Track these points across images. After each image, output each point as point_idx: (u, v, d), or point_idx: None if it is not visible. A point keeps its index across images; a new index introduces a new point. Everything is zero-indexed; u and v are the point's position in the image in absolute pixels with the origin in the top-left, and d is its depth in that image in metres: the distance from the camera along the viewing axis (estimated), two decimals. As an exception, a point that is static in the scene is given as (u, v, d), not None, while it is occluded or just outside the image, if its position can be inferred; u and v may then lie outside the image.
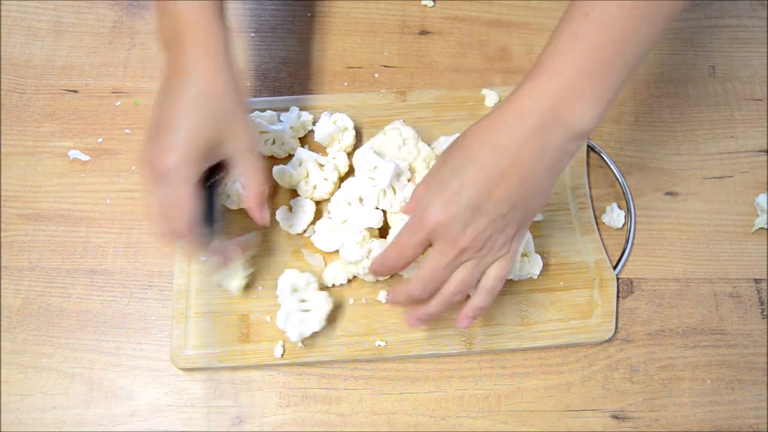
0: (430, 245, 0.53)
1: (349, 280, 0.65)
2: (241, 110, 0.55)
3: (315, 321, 0.61)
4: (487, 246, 0.52)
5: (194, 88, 0.52)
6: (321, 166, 0.67)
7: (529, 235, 0.64)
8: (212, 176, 0.57)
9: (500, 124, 0.50)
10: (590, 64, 0.47)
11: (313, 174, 0.67)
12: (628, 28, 0.47)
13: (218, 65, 0.53)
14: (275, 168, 0.67)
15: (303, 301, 0.62)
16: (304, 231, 0.67)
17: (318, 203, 0.68)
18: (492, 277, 0.54)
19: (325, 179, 0.67)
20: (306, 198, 0.67)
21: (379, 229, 0.65)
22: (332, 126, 0.68)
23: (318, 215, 0.68)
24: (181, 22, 0.54)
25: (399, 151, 0.65)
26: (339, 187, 0.67)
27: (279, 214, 0.67)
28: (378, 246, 0.62)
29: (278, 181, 0.67)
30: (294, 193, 0.68)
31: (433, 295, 0.55)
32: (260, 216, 0.58)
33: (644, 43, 0.48)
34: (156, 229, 0.55)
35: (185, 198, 0.52)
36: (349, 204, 0.64)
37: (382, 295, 0.65)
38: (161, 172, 0.52)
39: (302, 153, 0.67)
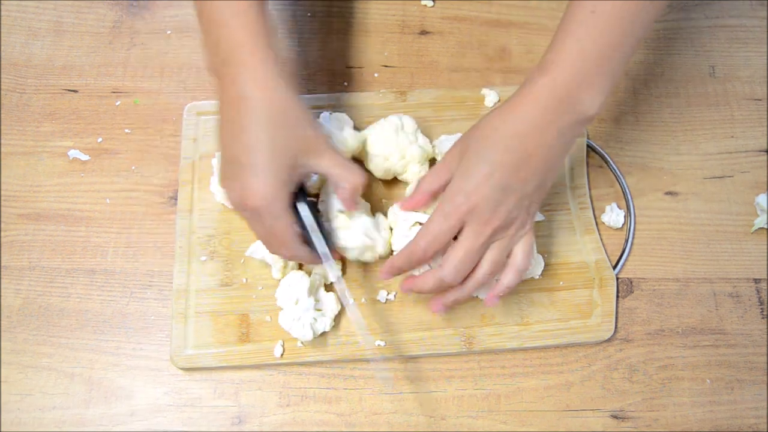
0: (460, 231, 0.54)
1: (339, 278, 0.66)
2: (307, 120, 0.54)
3: (327, 320, 0.62)
4: (514, 225, 0.55)
5: (259, 116, 0.52)
6: None
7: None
8: (304, 193, 0.57)
9: (518, 113, 0.53)
10: (596, 56, 0.52)
11: None
12: (629, 22, 0.51)
13: (275, 84, 0.53)
14: None
15: (317, 300, 0.62)
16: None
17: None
18: (520, 254, 0.57)
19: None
20: None
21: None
22: (332, 125, 0.68)
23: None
24: (230, 46, 0.53)
25: (396, 135, 0.65)
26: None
27: None
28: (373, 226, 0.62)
29: None
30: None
31: (464, 278, 0.55)
32: (349, 206, 0.59)
33: (641, 34, 0.53)
34: (269, 250, 0.57)
35: (285, 226, 0.54)
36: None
37: (382, 295, 0.65)
38: (254, 210, 0.52)
39: None
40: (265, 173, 0.51)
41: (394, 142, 0.65)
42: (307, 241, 0.57)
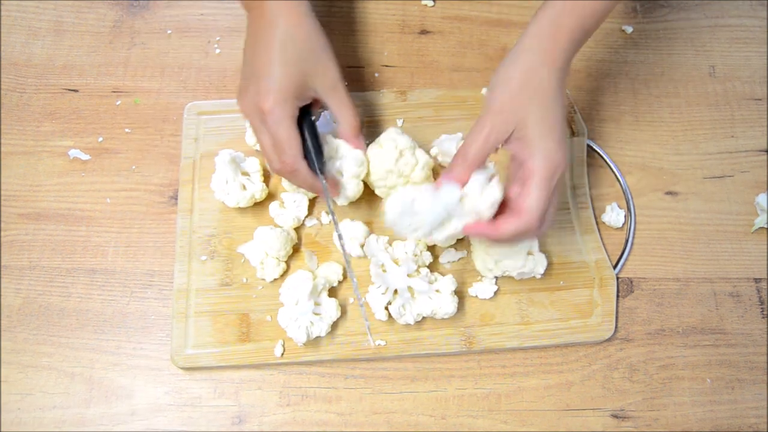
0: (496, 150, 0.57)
1: (340, 282, 0.66)
2: (325, 50, 0.60)
3: (324, 326, 0.62)
4: None
5: (280, 35, 0.58)
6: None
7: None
8: (309, 114, 0.62)
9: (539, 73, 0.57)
10: (571, 28, 0.58)
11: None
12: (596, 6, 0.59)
13: (300, 11, 0.59)
14: None
15: (317, 304, 0.62)
16: (300, 226, 0.68)
17: (311, 199, 0.68)
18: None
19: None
20: (297, 192, 0.68)
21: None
22: (332, 125, 0.68)
23: (311, 209, 0.68)
24: None
25: (396, 163, 0.65)
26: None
27: (272, 210, 0.67)
28: (419, 192, 0.59)
29: (266, 165, 0.68)
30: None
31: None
32: (356, 144, 0.63)
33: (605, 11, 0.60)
34: (271, 165, 0.60)
35: (289, 133, 0.58)
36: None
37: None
38: (264, 114, 0.58)
39: None
40: (277, 82, 0.58)
41: (396, 171, 0.64)
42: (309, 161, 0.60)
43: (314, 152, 0.60)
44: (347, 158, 0.63)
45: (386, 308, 0.62)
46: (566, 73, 0.58)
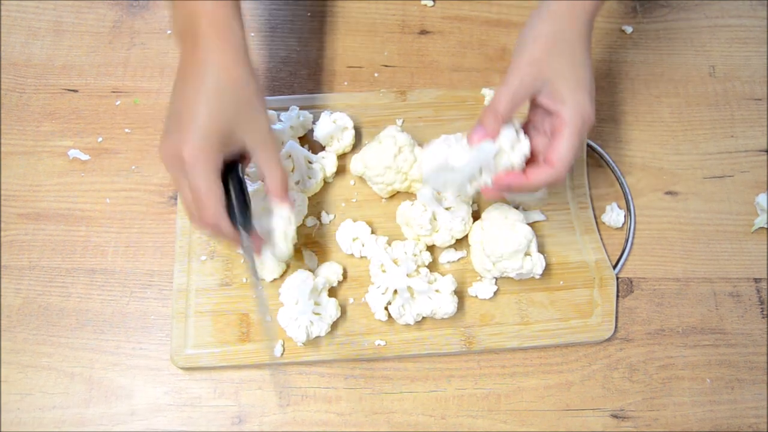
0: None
1: (340, 282, 0.66)
2: (257, 101, 0.55)
3: (324, 325, 0.62)
4: None
5: (211, 79, 0.53)
6: (309, 163, 0.68)
7: (533, 235, 0.64)
8: (236, 167, 0.57)
9: (572, 37, 0.58)
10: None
11: (299, 170, 0.67)
12: None
13: (235, 56, 0.54)
14: None
15: (317, 304, 0.62)
16: (300, 226, 0.68)
17: (310, 198, 0.68)
18: None
19: (309, 177, 0.67)
20: (297, 192, 0.68)
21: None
22: (332, 125, 0.69)
23: (311, 210, 0.68)
24: (197, 14, 0.54)
25: (395, 160, 0.65)
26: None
27: None
28: (454, 149, 0.59)
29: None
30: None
31: None
32: (283, 201, 0.59)
33: None
34: (191, 219, 0.55)
35: (210, 186, 0.53)
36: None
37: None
38: (182, 163, 0.52)
39: (293, 147, 0.67)
40: (201, 130, 0.52)
41: (394, 168, 0.65)
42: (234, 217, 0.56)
43: (238, 208, 0.55)
44: (275, 215, 0.60)
45: (386, 308, 0.62)
46: (590, 36, 0.59)
